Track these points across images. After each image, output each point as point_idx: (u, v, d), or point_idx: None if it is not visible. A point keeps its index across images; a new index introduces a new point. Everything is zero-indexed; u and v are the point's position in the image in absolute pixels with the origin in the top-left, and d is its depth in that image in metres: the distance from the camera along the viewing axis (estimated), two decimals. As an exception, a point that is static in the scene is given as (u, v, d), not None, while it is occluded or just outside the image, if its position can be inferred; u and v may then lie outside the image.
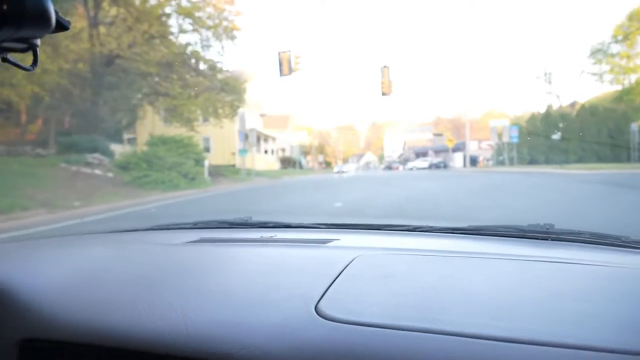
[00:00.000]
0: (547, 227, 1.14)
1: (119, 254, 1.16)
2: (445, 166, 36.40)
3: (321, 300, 0.74)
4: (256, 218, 1.49)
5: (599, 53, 32.19)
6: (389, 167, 49.76)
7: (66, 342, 0.75)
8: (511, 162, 27.58)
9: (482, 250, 1.05)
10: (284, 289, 0.80)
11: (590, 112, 29.00)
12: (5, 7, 0.41)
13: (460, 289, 0.76)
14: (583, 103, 29.78)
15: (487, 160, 32.32)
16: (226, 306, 0.76)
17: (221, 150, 21.00)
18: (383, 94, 15.41)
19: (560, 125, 27.21)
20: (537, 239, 1.11)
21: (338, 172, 37.70)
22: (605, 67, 31.92)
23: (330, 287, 0.78)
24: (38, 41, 0.46)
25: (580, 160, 26.69)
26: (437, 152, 45.85)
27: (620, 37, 30.93)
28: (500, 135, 26.62)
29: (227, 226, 1.48)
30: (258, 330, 0.68)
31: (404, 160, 53.63)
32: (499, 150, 29.62)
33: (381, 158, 70.08)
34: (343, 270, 0.86)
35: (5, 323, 0.80)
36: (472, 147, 38.52)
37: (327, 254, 1.03)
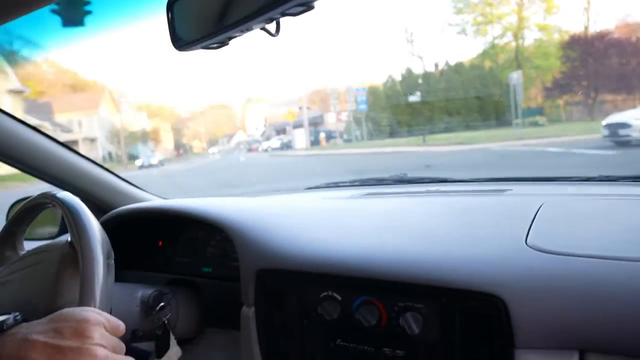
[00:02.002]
0: None
1: (313, 205, 1.28)
2: (300, 145, 29.83)
3: (529, 236, 0.76)
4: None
5: (460, 1, 27.68)
6: (249, 149, 42.48)
7: (294, 271, 0.87)
8: (370, 136, 21.58)
9: None
10: (487, 228, 0.82)
11: (456, 70, 24.18)
12: None
13: None
14: (447, 61, 24.82)
15: (342, 135, 25.89)
16: (437, 243, 0.81)
17: None
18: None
19: (423, 86, 21.65)
20: None
21: (142, 166, 24.14)
22: (468, 17, 27.61)
23: (532, 226, 0.80)
24: (314, 3, 0.47)
25: (448, 129, 21.70)
26: (297, 127, 39.27)
27: (481, -19, 26.58)
28: (344, 102, 20.10)
29: (386, 183, 1.50)
30: (476, 261, 0.71)
31: (266, 139, 46.79)
32: (355, 121, 23.38)
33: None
34: (537, 213, 0.86)
35: (245, 258, 0.95)
36: (330, 120, 32.54)
37: (511, 201, 1.03)
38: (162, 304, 1.00)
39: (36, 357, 0.56)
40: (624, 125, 7.28)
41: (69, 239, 0.83)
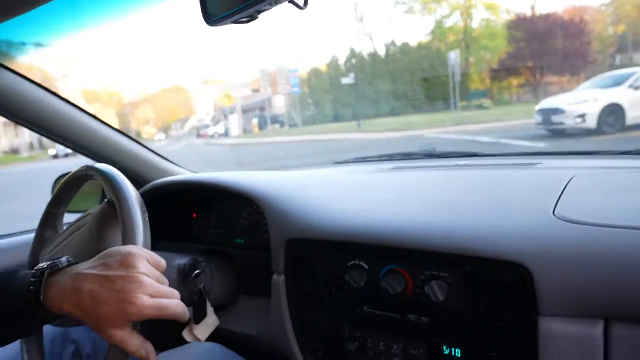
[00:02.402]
0: None
1: (341, 178, 1.29)
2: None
3: (557, 207, 0.75)
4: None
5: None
6: (198, 134, 40.47)
7: (322, 240, 0.89)
8: (313, 121, 20.37)
9: None
10: (513, 199, 0.82)
11: (402, 51, 23.17)
12: None
13: None
14: (394, 40, 23.75)
15: (282, 120, 24.43)
16: (463, 212, 0.81)
17: None
18: None
19: (367, 67, 20.48)
20: None
21: (56, 156, 18.54)
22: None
23: (561, 198, 0.79)
24: None
25: (393, 112, 20.73)
26: (245, 111, 37.57)
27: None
28: (274, 84, 18.72)
29: (415, 157, 1.51)
30: (501, 229, 0.71)
31: (215, 123, 44.82)
32: (292, 105, 22.04)
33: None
34: (567, 185, 0.86)
35: (275, 228, 0.97)
36: (278, 103, 31.11)
37: (541, 173, 1.03)
38: (197, 271, 1.03)
39: (89, 286, 0.63)
40: (557, 111, 6.39)
41: (107, 199, 0.89)
